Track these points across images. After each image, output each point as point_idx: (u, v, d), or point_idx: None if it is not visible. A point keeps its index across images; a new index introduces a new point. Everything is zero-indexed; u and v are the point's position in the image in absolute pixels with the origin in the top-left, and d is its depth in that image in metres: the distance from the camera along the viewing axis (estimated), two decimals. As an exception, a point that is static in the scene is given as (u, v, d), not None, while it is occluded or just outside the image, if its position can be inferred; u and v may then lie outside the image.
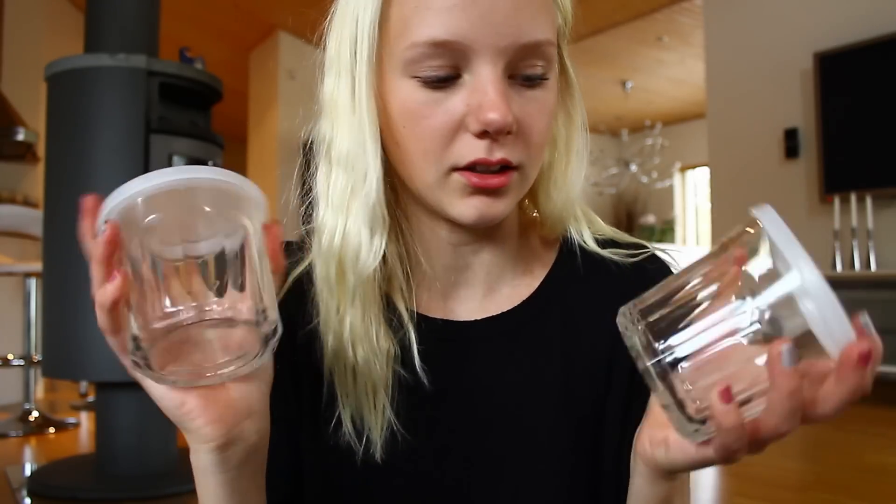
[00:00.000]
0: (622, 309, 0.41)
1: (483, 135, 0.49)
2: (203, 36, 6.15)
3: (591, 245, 0.60)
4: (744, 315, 0.36)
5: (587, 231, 0.61)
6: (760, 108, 4.59)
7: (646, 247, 0.61)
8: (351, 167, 0.53)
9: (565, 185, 0.58)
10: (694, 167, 8.74)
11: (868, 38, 4.03)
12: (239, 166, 6.94)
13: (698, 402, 0.38)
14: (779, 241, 0.35)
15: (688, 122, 8.39)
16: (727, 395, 0.36)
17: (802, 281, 0.33)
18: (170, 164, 2.30)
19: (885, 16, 3.99)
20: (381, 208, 0.53)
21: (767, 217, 0.36)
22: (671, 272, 0.61)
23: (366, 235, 0.52)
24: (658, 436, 0.43)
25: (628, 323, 0.40)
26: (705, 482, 2.36)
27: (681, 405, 0.38)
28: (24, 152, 4.44)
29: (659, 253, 0.62)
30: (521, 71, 0.50)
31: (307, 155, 0.58)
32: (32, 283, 3.30)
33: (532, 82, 0.51)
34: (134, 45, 2.33)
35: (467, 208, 0.51)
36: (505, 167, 0.51)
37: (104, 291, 0.38)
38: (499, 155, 0.49)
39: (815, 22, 4.31)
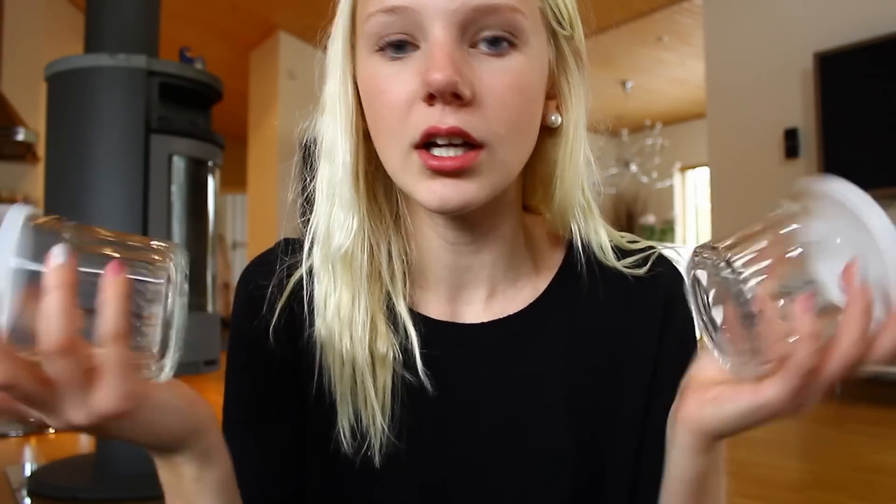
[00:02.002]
0: (698, 249, 0.42)
1: (431, 99, 0.47)
2: (203, 36, 6.15)
3: (598, 249, 0.59)
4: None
5: (593, 233, 0.59)
6: (760, 107, 4.59)
7: (652, 247, 0.61)
8: (332, 157, 0.55)
9: (572, 180, 0.57)
10: (694, 167, 8.74)
11: (868, 38, 4.03)
12: (239, 166, 6.95)
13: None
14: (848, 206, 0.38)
15: (688, 122, 8.39)
16: (810, 300, 0.37)
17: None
18: (170, 165, 2.30)
19: (885, 16, 4.00)
20: (351, 192, 0.54)
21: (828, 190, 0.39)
22: (678, 272, 0.60)
23: (340, 217, 0.54)
24: (706, 395, 0.44)
25: (711, 259, 0.41)
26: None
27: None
28: (24, 152, 4.45)
29: (665, 252, 0.61)
30: (483, 36, 0.48)
31: (305, 153, 0.59)
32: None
33: (497, 50, 0.48)
34: (134, 45, 2.33)
35: (428, 193, 0.49)
36: (467, 146, 0.48)
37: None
38: (450, 122, 0.46)
39: (815, 22, 4.31)
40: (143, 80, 2.21)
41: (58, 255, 0.35)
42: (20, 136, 4.23)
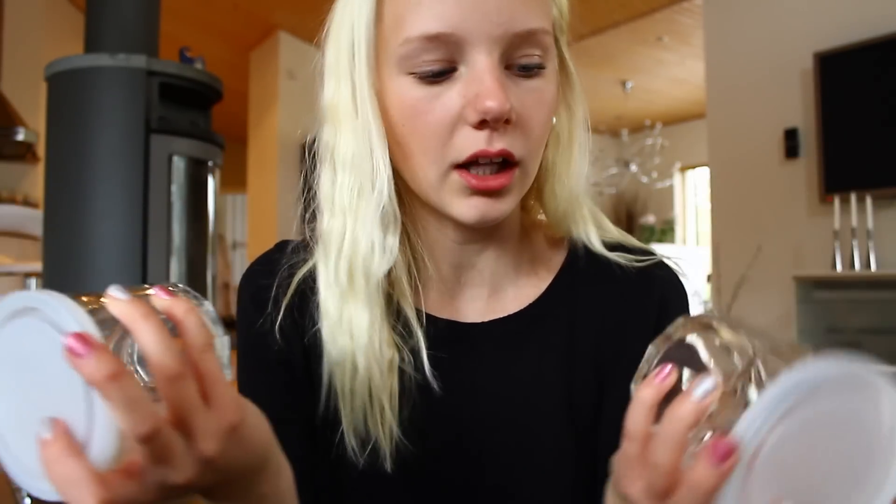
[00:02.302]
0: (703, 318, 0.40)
1: (482, 125, 0.48)
2: (203, 36, 6.15)
3: (599, 248, 0.59)
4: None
5: (594, 233, 0.59)
6: (760, 108, 4.60)
7: (654, 253, 0.61)
8: (357, 169, 0.52)
9: (569, 183, 0.57)
10: (694, 167, 8.74)
11: (868, 38, 4.03)
12: (239, 166, 6.95)
13: None
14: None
15: (688, 122, 8.39)
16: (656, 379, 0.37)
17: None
18: (170, 165, 2.30)
19: (885, 16, 4.00)
20: (392, 207, 0.52)
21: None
22: (679, 280, 0.61)
23: (378, 236, 0.52)
24: None
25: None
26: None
27: None
28: (24, 152, 4.44)
29: (667, 260, 0.61)
30: (518, 60, 0.49)
31: (309, 157, 0.58)
32: (32, 284, 3.30)
33: (529, 72, 0.50)
34: (134, 45, 2.33)
35: (468, 209, 0.51)
36: (506, 162, 0.50)
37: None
38: (499, 145, 0.49)
39: (815, 22, 4.31)
40: (143, 80, 2.21)
41: (118, 292, 0.34)
42: (20, 136, 4.23)
